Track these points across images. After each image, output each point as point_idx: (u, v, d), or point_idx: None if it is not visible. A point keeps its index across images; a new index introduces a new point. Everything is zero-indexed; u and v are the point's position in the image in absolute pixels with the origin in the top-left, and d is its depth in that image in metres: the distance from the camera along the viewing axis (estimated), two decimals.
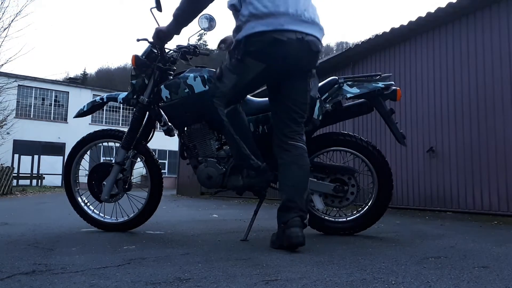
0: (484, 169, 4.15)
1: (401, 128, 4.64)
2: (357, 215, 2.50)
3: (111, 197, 2.65)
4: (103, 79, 54.80)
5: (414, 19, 4.92)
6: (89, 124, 23.55)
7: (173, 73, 2.61)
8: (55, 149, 23.74)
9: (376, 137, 5.62)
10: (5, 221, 3.62)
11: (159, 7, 2.43)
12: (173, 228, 3.03)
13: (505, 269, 1.51)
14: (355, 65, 6.25)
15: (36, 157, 23.35)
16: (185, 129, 2.54)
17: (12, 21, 13.16)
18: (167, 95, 2.46)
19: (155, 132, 2.76)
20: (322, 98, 2.39)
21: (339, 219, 2.54)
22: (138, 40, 2.58)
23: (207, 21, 2.47)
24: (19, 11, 18.16)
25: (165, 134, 2.59)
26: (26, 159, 22.87)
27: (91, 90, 26.51)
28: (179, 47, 2.63)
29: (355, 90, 2.37)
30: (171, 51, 2.62)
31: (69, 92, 25.32)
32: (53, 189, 16.79)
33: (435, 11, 4.63)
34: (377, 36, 5.51)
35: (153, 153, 2.78)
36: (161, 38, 2.38)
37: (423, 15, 4.79)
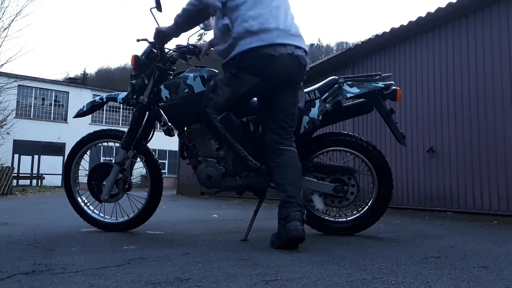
0: (484, 169, 4.15)
1: (401, 128, 4.65)
2: (357, 215, 2.50)
3: (111, 197, 2.65)
4: (103, 79, 54.81)
5: (414, 19, 4.92)
6: (89, 124, 23.55)
7: (173, 73, 2.61)
8: (55, 149, 23.74)
9: (376, 137, 5.62)
10: (5, 221, 3.62)
11: (159, 7, 2.43)
12: (173, 228, 3.03)
13: (505, 269, 1.51)
14: (355, 65, 6.25)
15: (36, 157, 23.35)
16: (185, 129, 2.54)
17: (12, 21, 13.17)
18: (166, 95, 2.46)
19: (155, 132, 2.76)
20: (322, 98, 2.39)
21: (339, 219, 2.54)
22: (138, 40, 2.58)
23: (207, 21, 2.48)
24: (19, 11, 18.16)
25: (165, 134, 2.59)
26: (26, 159, 22.87)
27: (91, 90, 26.51)
28: (179, 47, 2.63)
29: (355, 90, 2.37)
30: (171, 51, 2.61)
31: (69, 92, 25.32)
32: (53, 189, 16.79)
33: (435, 11, 4.63)
34: (377, 36, 5.51)
35: (153, 153, 2.78)
36: (161, 38, 2.39)
37: (423, 15, 4.80)
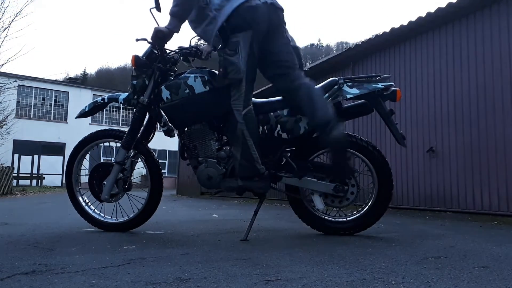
0: (484, 169, 4.15)
1: (401, 128, 4.65)
2: (357, 215, 2.50)
3: (111, 197, 2.65)
4: (103, 79, 54.80)
5: (414, 19, 4.92)
6: (89, 124, 23.53)
7: (173, 74, 2.61)
8: (55, 149, 23.73)
9: (376, 137, 5.63)
10: (5, 221, 3.62)
11: (158, 8, 2.43)
12: (173, 228, 3.03)
13: (505, 269, 1.51)
14: (355, 65, 6.25)
15: (36, 157, 23.34)
16: (186, 129, 2.54)
17: (12, 21, 13.14)
18: (167, 96, 2.46)
19: (155, 132, 2.75)
20: None
21: (339, 219, 2.54)
22: (137, 40, 2.58)
23: None
24: (19, 11, 18.16)
25: (165, 134, 2.59)
26: (26, 159, 22.86)
27: (91, 90, 26.51)
28: (181, 49, 2.63)
29: (355, 91, 2.37)
30: (172, 52, 2.61)
31: (69, 92, 25.31)
32: (53, 189, 16.78)
33: (435, 11, 4.63)
34: (377, 36, 5.52)
35: (153, 153, 2.78)
36: (160, 37, 2.38)
37: (423, 15, 4.80)
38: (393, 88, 2.38)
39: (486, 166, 4.13)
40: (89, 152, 2.90)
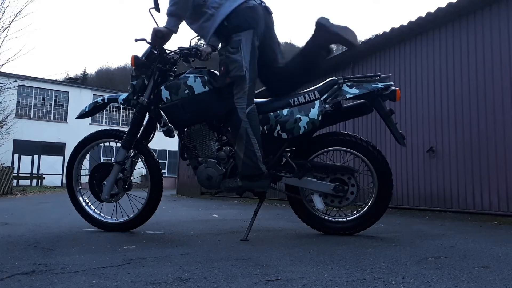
0: (484, 169, 4.15)
1: (401, 128, 4.64)
2: (357, 215, 2.50)
3: (111, 197, 2.65)
4: (103, 79, 54.77)
5: (414, 19, 4.92)
6: (89, 124, 23.53)
7: (173, 74, 2.61)
8: (55, 149, 23.73)
9: (376, 137, 5.63)
10: (5, 221, 3.62)
11: (157, 8, 2.43)
12: (173, 228, 3.03)
13: (505, 269, 1.51)
14: (355, 65, 6.25)
15: (36, 157, 23.35)
16: (185, 130, 2.54)
17: (12, 21, 13.11)
18: (167, 96, 2.46)
19: (155, 132, 2.75)
20: (322, 98, 2.39)
21: (339, 219, 2.54)
22: (136, 40, 2.58)
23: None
24: (19, 11, 18.13)
25: (165, 135, 2.59)
26: (26, 159, 22.87)
27: (91, 90, 26.52)
28: (181, 49, 2.63)
29: (355, 90, 2.37)
30: (172, 53, 2.61)
31: (69, 92, 25.32)
32: (53, 189, 16.78)
33: (435, 11, 4.63)
34: (377, 36, 5.52)
35: (154, 153, 2.78)
36: (159, 37, 2.38)
37: (423, 15, 4.80)
38: (393, 87, 2.38)
39: (486, 166, 4.13)
40: (89, 152, 2.90)
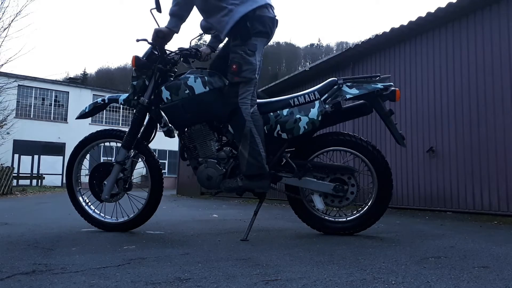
0: (484, 169, 4.15)
1: (400, 128, 4.65)
2: (357, 215, 2.50)
3: (112, 197, 2.65)
4: (103, 79, 54.83)
5: (414, 19, 4.92)
6: (89, 124, 23.53)
7: (174, 74, 2.61)
8: (55, 149, 23.73)
9: (376, 137, 5.63)
10: (5, 221, 3.62)
11: (158, 8, 2.43)
12: (173, 228, 3.03)
13: (505, 269, 1.51)
14: (355, 65, 6.25)
15: (36, 157, 23.35)
16: (186, 130, 2.54)
17: (12, 21, 13.11)
18: (167, 96, 2.46)
19: (156, 132, 2.76)
20: (322, 99, 2.39)
21: (339, 219, 2.54)
22: (137, 40, 2.58)
23: (207, 23, 2.48)
24: (19, 11, 18.13)
25: (165, 135, 2.59)
26: (26, 159, 22.86)
27: (91, 90, 26.51)
28: (181, 50, 2.63)
29: (355, 91, 2.37)
30: (173, 53, 2.61)
31: (69, 92, 25.31)
32: (53, 189, 16.79)
33: (435, 11, 4.64)
34: (377, 36, 5.52)
35: (154, 153, 2.79)
36: (160, 37, 2.40)
37: (423, 15, 4.80)
38: (392, 88, 2.38)
39: (486, 166, 4.13)
40: (90, 152, 2.90)
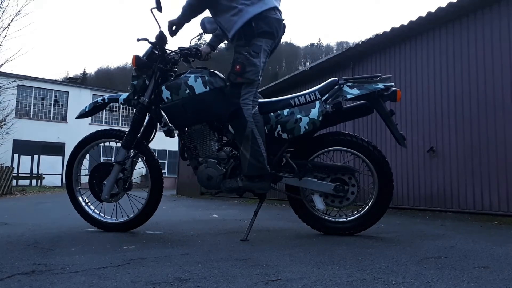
0: (484, 169, 4.15)
1: (401, 127, 4.64)
2: (358, 215, 2.50)
3: (112, 197, 2.65)
4: (102, 79, 54.84)
5: (414, 19, 4.92)
6: (89, 124, 23.51)
7: (174, 74, 2.61)
8: (54, 149, 23.72)
9: (376, 137, 5.63)
10: (5, 221, 3.62)
11: (159, 8, 2.43)
12: (173, 228, 3.03)
13: (505, 269, 1.51)
14: (355, 65, 6.25)
15: (35, 157, 23.33)
16: (186, 130, 2.54)
17: (11, 20, 13.13)
18: (168, 96, 2.46)
19: (156, 132, 2.75)
20: (322, 99, 2.39)
21: (340, 219, 2.53)
22: (138, 40, 2.58)
23: (210, 24, 2.48)
24: (19, 11, 18.13)
25: (166, 135, 2.59)
26: (25, 159, 22.84)
27: (90, 90, 26.49)
28: (181, 49, 2.63)
29: (355, 91, 2.37)
30: (173, 53, 2.61)
31: (68, 92, 25.29)
32: (53, 189, 16.77)
33: (435, 10, 4.63)
34: (377, 36, 5.51)
35: (154, 153, 2.78)
36: (171, 29, 2.42)
37: (424, 15, 4.80)
38: (393, 88, 2.38)
39: (486, 166, 4.13)
40: (89, 152, 2.89)
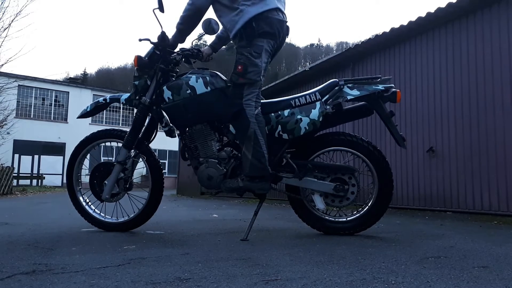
0: (484, 169, 4.15)
1: (401, 128, 4.65)
2: (358, 215, 2.50)
3: (112, 196, 2.65)
4: (103, 79, 54.86)
5: (414, 19, 4.92)
6: (90, 124, 23.53)
7: (175, 74, 2.62)
8: (55, 149, 23.73)
9: (376, 137, 5.63)
10: (5, 221, 3.62)
11: (161, 8, 2.43)
12: (173, 228, 3.03)
13: (505, 269, 1.51)
14: (355, 65, 6.25)
15: (36, 157, 23.34)
16: (187, 130, 2.55)
17: (12, 21, 13.09)
18: (169, 96, 2.47)
19: (157, 132, 2.76)
20: (322, 100, 2.40)
21: (340, 219, 2.54)
22: (140, 40, 2.58)
23: (211, 25, 2.49)
24: (19, 11, 18.13)
25: (167, 135, 2.59)
26: (26, 159, 22.85)
27: (91, 90, 26.50)
28: (183, 50, 2.64)
29: (356, 92, 2.37)
30: (174, 54, 2.62)
31: (69, 92, 25.30)
32: (53, 189, 16.78)
33: (435, 11, 4.64)
34: (377, 36, 5.52)
35: (155, 153, 2.79)
36: (166, 41, 2.47)
37: (423, 15, 4.80)
38: (393, 89, 2.38)
39: (486, 166, 4.13)
40: (90, 151, 2.90)
